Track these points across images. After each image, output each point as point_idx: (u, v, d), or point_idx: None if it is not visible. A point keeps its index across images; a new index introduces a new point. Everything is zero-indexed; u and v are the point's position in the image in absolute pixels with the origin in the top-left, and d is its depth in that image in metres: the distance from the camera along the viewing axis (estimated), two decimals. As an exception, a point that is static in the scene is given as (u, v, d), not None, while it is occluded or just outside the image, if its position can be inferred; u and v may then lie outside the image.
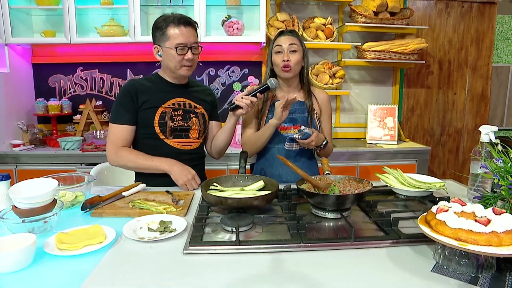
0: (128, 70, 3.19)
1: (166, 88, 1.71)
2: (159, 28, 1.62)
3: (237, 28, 2.91)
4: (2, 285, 0.83)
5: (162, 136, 1.66)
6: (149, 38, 2.88)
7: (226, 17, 2.94)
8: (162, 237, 1.06)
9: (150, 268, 0.90)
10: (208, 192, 1.27)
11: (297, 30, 2.99)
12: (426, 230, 0.92)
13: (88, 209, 1.28)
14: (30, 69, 3.12)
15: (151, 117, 1.64)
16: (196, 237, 1.03)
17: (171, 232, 1.09)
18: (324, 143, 1.72)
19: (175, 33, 1.59)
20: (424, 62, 3.28)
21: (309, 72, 1.82)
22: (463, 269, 0.86)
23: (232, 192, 1.30)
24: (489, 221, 0.86)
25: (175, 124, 1.67)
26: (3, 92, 2.75)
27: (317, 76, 3.09)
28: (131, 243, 1.04)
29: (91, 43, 2.99)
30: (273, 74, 1.80)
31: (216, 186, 1.37)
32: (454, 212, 0.94)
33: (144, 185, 1.55)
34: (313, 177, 1.34)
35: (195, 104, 1.75)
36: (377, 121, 3.21)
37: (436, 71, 3.48)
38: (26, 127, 2.92)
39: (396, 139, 3.13)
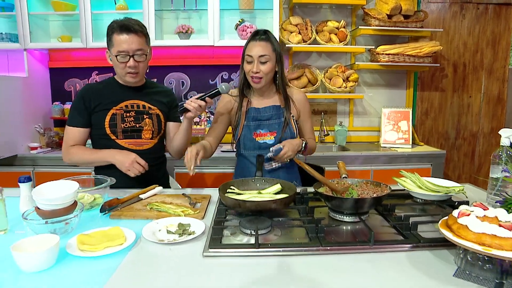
0: (142, 74, 3.22)
1: (119, 91, 1.77)
2: (107, 33, 1.69)
3: (251, 32, 2.92)
4: (27, 284, 0.85)
5: (113, 137, 1.72)
6: (162, 42, 2.97)
7: (239, 21, 2.96)
8: (181, 239, 1.07)
9: (171, 270, 0.91)
10: (226, 195, 1.28)
11: (309, 34, 2.99)
12: (448, 235, 0.91)
13: (107, 211, 1.30)
14: (47, 73, 3.19)
15: (102, 119, 1.71)
16: (216, 240, 1.04)
17: (190, 234, 1.10)
18: (303, 145, 1.68)
19: (117, 40, 1.65)
20: (438, 65, 3.23)
21: (285, 76, 1.78)
22: (487, 274, 0.85)
23: (249, 195, 1.30)
24: (513, 226, 0.85)
25: (126, 125, 1.73)
26: (22, 96, 2.81)
27: (330, 79, 3.08)
28: (151, 245, 1.05)
29: (106, 47, 3.02)
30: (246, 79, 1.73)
31: (233, 189, 1.37)
32: (476, 217, 0.92)
33: (160, 188, 1.57)
34: (330, 181, 1.34)
35: (149, 105, 1.79)
36: (391, 125, 3.18)
37: (451, 74, 3.44)
38: (43, 130, 2.98)
39: (411, 142, 3.09)
